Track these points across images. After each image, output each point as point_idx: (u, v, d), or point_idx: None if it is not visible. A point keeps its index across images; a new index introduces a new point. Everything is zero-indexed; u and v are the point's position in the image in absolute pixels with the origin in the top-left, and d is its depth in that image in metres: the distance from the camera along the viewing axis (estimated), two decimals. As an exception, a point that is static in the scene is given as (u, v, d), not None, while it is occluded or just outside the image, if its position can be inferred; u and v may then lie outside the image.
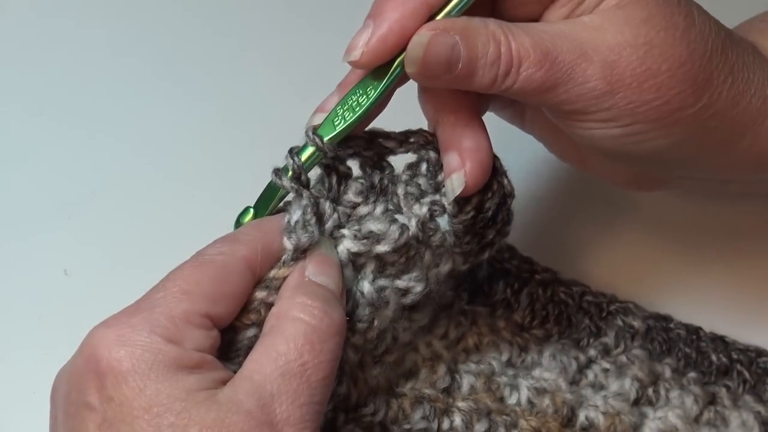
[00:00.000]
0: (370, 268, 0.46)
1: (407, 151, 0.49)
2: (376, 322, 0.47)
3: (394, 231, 0.46)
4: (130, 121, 0.66)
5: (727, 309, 0.58)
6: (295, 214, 0.45)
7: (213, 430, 0.39)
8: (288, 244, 0.44)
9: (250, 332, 0.44)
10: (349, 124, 0.46)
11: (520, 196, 0.50)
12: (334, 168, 0.47)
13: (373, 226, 0.46)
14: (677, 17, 0.46)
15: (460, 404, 0.49)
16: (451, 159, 0.46)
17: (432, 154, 0.48)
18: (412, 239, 0.46)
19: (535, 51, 0.44)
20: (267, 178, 0.48)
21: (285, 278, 0.44)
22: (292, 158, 0.46)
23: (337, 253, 0.46)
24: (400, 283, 0.47)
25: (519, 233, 0.54)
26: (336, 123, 0.46)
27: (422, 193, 0.47)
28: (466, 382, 0.50)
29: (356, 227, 0.46)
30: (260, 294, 0.44)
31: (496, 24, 0.45)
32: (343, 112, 0.46)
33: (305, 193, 0.45)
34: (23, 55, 0.68)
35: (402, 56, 0.45)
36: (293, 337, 0.42)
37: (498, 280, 0.54)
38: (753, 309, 0.58)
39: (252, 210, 0.47)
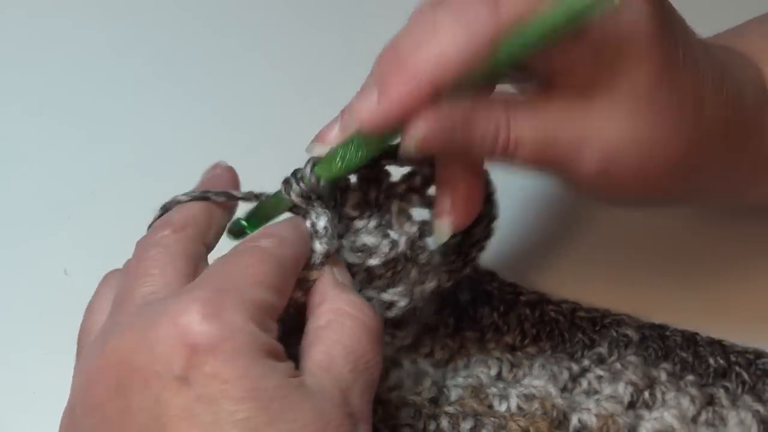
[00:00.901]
0: (358, 278, 0.47)
1: (403, 165, 0.49)
2: None
3: (384, 246, 0.47)
4: (131, 121, 0.66)
5: (722, 320, 0.58)
6: (322, 221, 0.45)
7: (313, 415, 0.39)
8: (320, 248, 0.45)
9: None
10: (347, 171, 0.46)
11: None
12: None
13: (366, 239, 0.47)
14: (687, 110, 0.45)
15: (447, 408, 0.49)
16: (443, 201, 0.47)
17: (427, 169, 0.48)
18: (400, 255, 0.47)
19: (534, 142, 0.45)
20: (267, 178, 0.48)
21: (313, 280, 0.45)
22: (297, 184, 0.46)
23: None
24: (386, 296, 0.48)
25: (499, 260, 0.55)
26: (334, 166, 0.45)
27: (415, 206, 0.48)
28: (453, 393, 0.50)
29: (352, 239, 0.47)
30: (295, 294, 0.44)
31: (502, 109, 0.45)
32: (344, 154, 0.45)
33: (317, 203, 0.46)
34: (23, 55, 0.69)
35: None
36: (356, 333, 0.43)
37: (483, 305, 0.54)
38: (748, 318, 0.58)
39: (244, 222, 0.47)
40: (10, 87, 0.68)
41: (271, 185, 0.48)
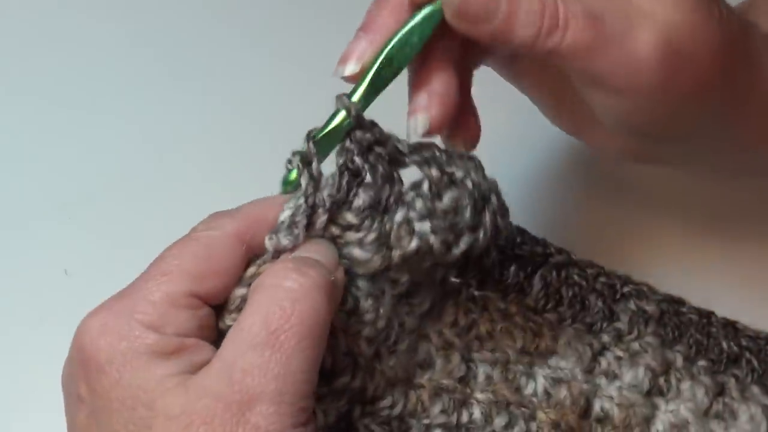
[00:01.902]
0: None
1: (415, 163, 0.47)
2: (381, 310, 0.46)
3: (375, 261, 0.45)
4: (131, 121, 0.66)
5: (742, 293, 0.58)
6: (286, 212, 0.44)
7: (178, 419, 0.38)
8: (268, 243, 0.43)
9: None
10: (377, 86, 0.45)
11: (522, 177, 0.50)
12: (349, 167, 0.45)
13: (358, 251, 0.45)
14: (713, 6, 0.46)
15: (479, 396, 0.48)
16: (419, 98, 0.46)
17: (435, 173, 0.47)
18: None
19: (584, 16, 0.44)
20: (268, 178, 0.48)
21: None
22: (308, 141, 0.45)
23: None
24: (389, 274, 0.46)
25: (525, 214, 0.55)
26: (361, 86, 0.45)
27: (419, 217, 0.46)
28: (481, 371, 0.50)
29: (341, 245, 0.45)
30: (239, 291, 0.43)
31: None
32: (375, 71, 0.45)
33: (307, 188, 0.44)
34: (24, 54, 0.68)
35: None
36: (261, 305, 0.40)
37: (509, 266, 0.52)
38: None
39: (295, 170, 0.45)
40: (10, 87, 0.67)
41: (270, 185, 0.48)
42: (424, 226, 0.46)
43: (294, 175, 0.45)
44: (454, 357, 0.50)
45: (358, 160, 0.45)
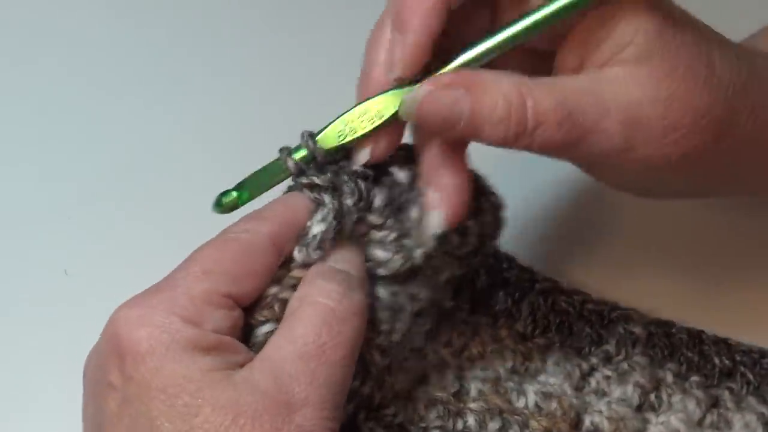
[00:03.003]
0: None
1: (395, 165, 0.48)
2: (398, 325, 0.47)
3: (396, 260, 0.46)
4: (131, 121, 0.66)
5: (730, 314, 0.58)
6: (317, 227, 0.45)
7: (227, 410, 0.39)
8: (298, 256, 0.45)
9: (266, 328, 0.44)
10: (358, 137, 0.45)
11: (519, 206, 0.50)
12: (358, 173, 0.46)
13: (380, 252, 0.46)
14: (698, 67, 0.45)
15: (472, 405, 0.49)
16: (431, 196, 0.46)
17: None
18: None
19: (556, 112, 0.43)
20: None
21: (298, 278, 0.44)
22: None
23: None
24: (410, 288, 0.47)
25: (516, 243, 0.55)
26: (340, 136, 0.45)
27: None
28: (473, 387, 0.51)
29: (366, 247, 0.46)
30: (273, 290, 0.44)
31: (511, 82, 0.44)
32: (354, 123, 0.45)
33: (329, 203, 0.45)
34: (23, 55, 0.68)
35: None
36: (312, 319, 0.42)
37: (498, 291, 0.54)
38: (755, 314, 0.58)
39: (235, 193, 0.46)
40: (10, 87, 0.67)
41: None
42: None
43: (229, 198, 0.46)
44: (448, 373, 0.51)
45: (357, 166, 0.46)
